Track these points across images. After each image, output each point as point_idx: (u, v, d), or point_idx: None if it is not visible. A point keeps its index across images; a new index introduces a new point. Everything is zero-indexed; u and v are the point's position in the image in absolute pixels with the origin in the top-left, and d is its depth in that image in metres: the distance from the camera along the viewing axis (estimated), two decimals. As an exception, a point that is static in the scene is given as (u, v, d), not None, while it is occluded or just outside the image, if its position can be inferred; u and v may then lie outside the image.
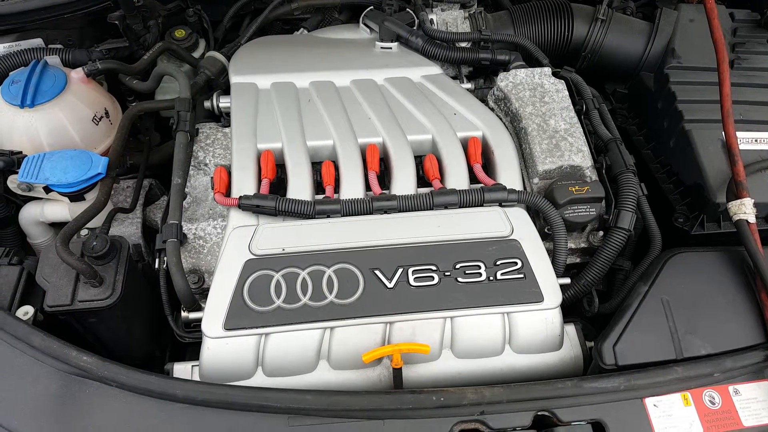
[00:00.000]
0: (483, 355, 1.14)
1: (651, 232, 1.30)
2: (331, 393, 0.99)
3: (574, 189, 1.24)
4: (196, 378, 1.12)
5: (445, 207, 1.23)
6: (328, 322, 1.09)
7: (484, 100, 1.53)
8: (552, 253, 1.23)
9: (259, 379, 1.11)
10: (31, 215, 1.40)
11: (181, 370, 1.14)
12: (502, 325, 1.13)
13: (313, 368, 1.12)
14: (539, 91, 1.44)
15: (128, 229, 1.40)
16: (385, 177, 1.36)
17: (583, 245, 1.31)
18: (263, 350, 1.09)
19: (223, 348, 1.08)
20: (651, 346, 1.03)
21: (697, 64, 1.50)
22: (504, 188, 1.24)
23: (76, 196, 1.32)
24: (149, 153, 1.55)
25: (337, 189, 1.29)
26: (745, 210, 1.14)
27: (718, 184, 1.28)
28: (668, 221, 1.35)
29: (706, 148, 1.33)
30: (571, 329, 1.19)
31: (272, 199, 1.20)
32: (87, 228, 1.32)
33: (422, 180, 1.34)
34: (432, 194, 1.23)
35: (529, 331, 1.13)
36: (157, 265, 1.24)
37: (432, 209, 1.23)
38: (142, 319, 1.30)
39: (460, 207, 1.23)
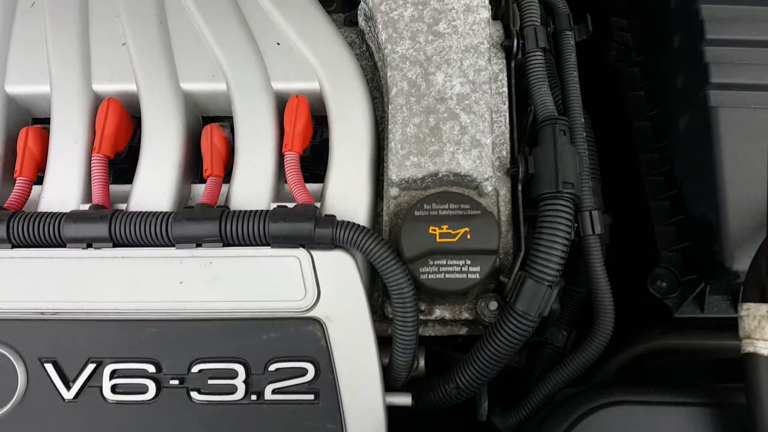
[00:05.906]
0: None
1: (598, 302, 0.70)
2: None
3: (438, 231, 0.63)
4: None
5: (198, 244, 0.66)
6: None
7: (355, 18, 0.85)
8: (390, 350, 0.66)
9: None
10: None
11: None
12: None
13: None
14: (435, 5, 0.76)
15: None
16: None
17: (466, 316, 0.72)
18: None
19: None
20: None
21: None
22: (312, 213, 0.65)
23: None
24: None
25: (39, 180, 0.73)
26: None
27: (745, 231, 0.64)
28: (643, 276, 0.73)
29: (738, 146, 0.67)
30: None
31: None
32: None
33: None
34: (171, 217, 0.65)
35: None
36: None
37: (173, 245, 0.66)
38: None
39: (224, 245, 0.66)
